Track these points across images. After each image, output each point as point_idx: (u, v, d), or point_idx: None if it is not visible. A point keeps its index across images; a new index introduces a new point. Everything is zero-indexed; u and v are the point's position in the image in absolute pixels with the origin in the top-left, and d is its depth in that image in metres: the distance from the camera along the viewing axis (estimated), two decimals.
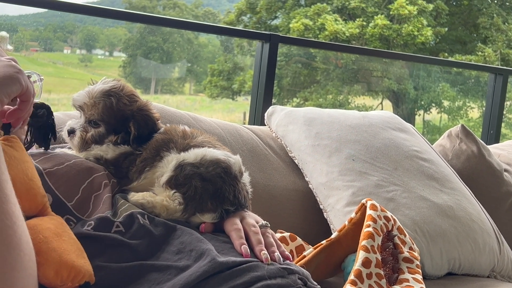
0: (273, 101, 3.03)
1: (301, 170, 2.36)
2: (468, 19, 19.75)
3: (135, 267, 1.23)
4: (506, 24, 19.07)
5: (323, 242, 1.80)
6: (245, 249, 1.31)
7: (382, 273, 1.63)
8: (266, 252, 1.32)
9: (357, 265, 1.61)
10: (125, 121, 1.50)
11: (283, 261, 1.34)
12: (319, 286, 1.35)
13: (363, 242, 1.66)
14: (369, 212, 1.74)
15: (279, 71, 16.97)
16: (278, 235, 1.91)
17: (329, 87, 17.71)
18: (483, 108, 14.29)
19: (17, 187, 1.08)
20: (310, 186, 2.31)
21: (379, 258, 1.65)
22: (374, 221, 1.71)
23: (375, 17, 18.08)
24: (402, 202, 2.20)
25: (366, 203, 1.78)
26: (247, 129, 2.46)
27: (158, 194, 1.40)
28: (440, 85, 18.13)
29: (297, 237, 1.97)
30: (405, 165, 2.36)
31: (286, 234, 1.96)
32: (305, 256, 1.79)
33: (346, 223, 1.81)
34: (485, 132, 4.01)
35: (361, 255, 1.63)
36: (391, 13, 18.13)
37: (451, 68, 18.03)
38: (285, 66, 17.51)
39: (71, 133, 1.52)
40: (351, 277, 1.59)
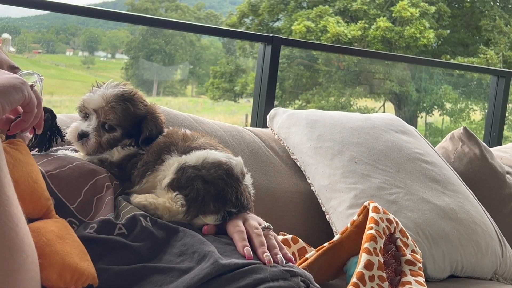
0: (275, 103, 3.03)
1: (303, 172, 2.36)
2: (470, 21, 19.73)
3: (137, 269, 1.24)
4: (509, 26, 19.05)
5: (326, 244, 1.80)
6: (247, 251, 1.31)
7: (384, 275, 1.63)
8: (269, 254, 1.32)
9: (359, 267, 1.61)
10: (139, 124, 1.52)
11: (285, 263, 1.34)
12: None
13: (365, 245, 1.66)
14: (371, 214, 1.74)
15: (281, 73, 16.97)
16: (280, 237, 1.91)
17: (331, 89, 17.70)
18: (486, 111, 14.28)
19: (21, 189, 1.08)
20: (312, 188, 2.31)
21: (382, 260, 1.65)
22: (377, 223, 1.71)
23: (377, 19, 18.08)
24: (404, 205, 2.20)
25: (369, 205, 1.78)
26: (249, 131, 2.46)
27: (160, 197, 1.40)
28: (442, 87, 18.12)
29: (300, 239, 1.97)
30: (407, 167, 2.35)
31: (289, 236, 1.95)
32: (307, 259, 1.79)
33: (349, 225, 1.81)
34: (488, 134, 4.00)
35: (363, 257, 1.63)
36: (393, 15, 18.13)
37: (453, 70, 18.00)
38: (287, 68, 17.51)
39: (84, 136, 1.49)
40: (354, 279, 1.59)
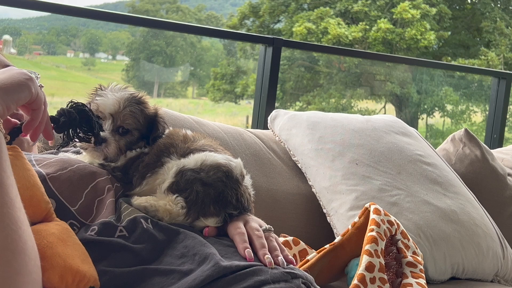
0: (276, 104, 3.03)
1: (304, 174, 2.36)
2: (471, 23, 19.74)
3: (138, 271, 1.23)
4: (509, 28, 19.06)
5: (327, 246, 1.80)
6: (248, 253, 1.31)
7: (385, 277, 1.63)
8: (270, 256, 1.32)
9: (360, 269, 1.61)
10: (150, 125, 1.52)
11: (286, 265, 1.34)
12: None
13: (366, 247, 1.66)
14: (372, 216, 1.74)
15: (282, 75, 16.98)
16: (281, 239, 1.91)
17: (332, 90, 17.71)
18: (486, 112, 14.28)
19: (20, 194, 1.08)
20: (313, 190, 2.31)
21: (383, 262, 1.65)
22: (378, 225, 1.71)
23: (378, 21, 18.09)
24: (405, 206, 2.20)
25: (370, 207, 1.78)
26: (250, 133, 2.46)
27: (161, 200, 1.40)
28: (443, 89, 18.12)
29: (300, 241, 1.97)
30: (408, 169, 2.35)
31: (290, 238, 1.95)
32: (308, 260, 1.79)
33: (350, 227, 1.81)
34: (489, 136, 4.00)
35: (364, 259, 1.63)
36: (394, 17, 18.13)
37: (454, 72, 18.00)
38: (288, 70, 17.52)
39: (102, 142, 1.46)
40: (355, 281, 1.59)
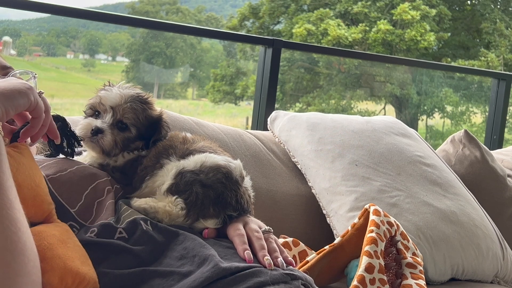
0: (276, 106, 3.03)
1: (304, 175, 2.36)
2: (471, 24, 19.75)
3: (138, 273, 1.23)
4: (509, 29, 19.07)
5: (326, 247, 1.80)
6: (248, 254, 1.31)
7: (385, 278, 1.63)
8: (269, 258, 1.32)
9: (360, 270, 1.61)
10: (151, 127, 1.52)
11: (286, 266, 1.34)
12: None
13: (366, 248, 1.66)
14: (372, 217, 1.74)
15: (282, 76, 16.99)
16: (281, 240, 1.91)
17: (332, 92, 17.71)
18: (486, 113, 14.29)
19: (24, 193, 1.08)
20: (313, 191, 2.31)
21: (382, 263, 1.65)
22: (377, 226, 1.71)
23: (378, 22, 18.10)
24: (405, 208, 2.20)
25: (369, 208, 1.78)
26: (250, 134, 2.46)
27: (160, 201, 1.40)
28: (443, 90, 18.13)
29: (300, 242, 1.97)
30: (408, 170, 2.35)
31: (289, 239, 1.95)
32: (308, 262, 1.79)
33: (349, 228, 1.81)
34: (488, 137, 4.00)
35: (364, 260, 1.63)
36: (394, 18, 18.14)
37: (454, 73, 18.03)
38: (288, 71, 17.53)
39: (98, 133, 1.45)
40: (354, 282, 1.59)
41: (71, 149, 1.45)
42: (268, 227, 1.45)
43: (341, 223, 2.16)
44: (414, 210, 2.20)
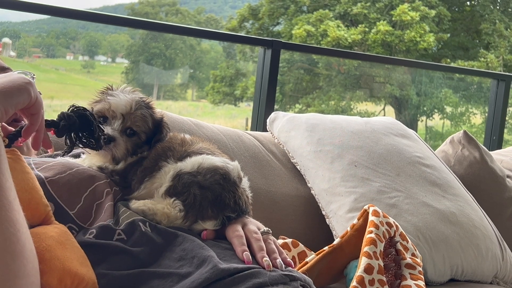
0: (275, 107, 3.03)
1: (303, 176, 2.36)
2: (470, 25, 19.76)
3: (137, 274, 1.23)
4: (509, 30, 19.08)
5: (326, 248, 1.80)
6: (247, 255, 1.31)
7: (384, 279, 1.63)
8: (268, 259, 1.32)
9: (359, 271, 1.61)
10: (155, 130, 1.52)
11: (285, 267, 1.34)
12: None
13: (365, 248, 1.66)
14: (371, 218, 1.74)
15: (281, 77, 16.99)
16: (280, 241, 1.91)
17: (331, 93, 17.72)
18: (486, 114, 14.29)
19: (19, 197, 1.08)
20: (312, 192, 2.31)
21: (382, 264, 1.65)
22: (377, 227, 1.71)
23: (377, 23, 18.11)
24: (404, 208, 2.20)
25: (369, 209, 1.78)
26: (249, 135, 2.46)
27: (158, 203, 1.40)
28: (443, 91, 18.13)
29: (299, 243, 1.97)
30: (407, 171, 2.35)
31: (288, 240, 1.95)
32: (307, 263, 1.79)
33: (349, 229, 1.81)
34: (488, 138, 4.01)
35: (363, 261, 1.63)
36: (393, 19, 18.16)
37: (453, 74, 18.04)
38: (287, 72, 17.54)
39: (111, 141, 1.45)
40: (354, 283, 1.59)
41: (95, 141, 1.36)
42: (267, 228, 1.45)
43: (340, 224, 2.16)
44: (413, 211, 2.21)
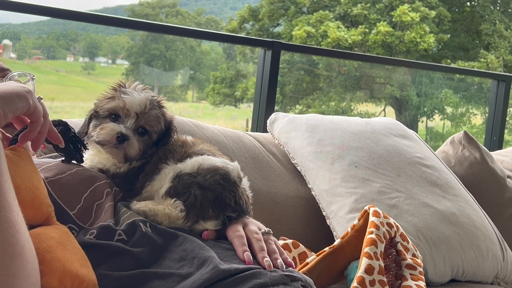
0: (276, 108, 3.03)
1: (304, 177, 2.36)
2: (470, 25, 19.77)
3: (137, 275, 1.23)
4: (509, 30, 19.08)
5: (326, 249, 1.80)
6: (247, 256, 1.31)
7: (385, 280, 1.63)
8: (269, 259, 1.32)
9: (360, 272, 1.61)
10: (166, 133, 1.52)
11: (285, 268, 1.34)
12: None
13: (366, 249, 1.66)
14: (372, 218, 1.74)
15: (282, 78, 17.00)
16: (280, 242, 1.91)
17: (331, 94, 17.72)
18: (486, 115, 14.29)
19: (23, 195, 1.08)
20: (312, 193, 2.31)
21: (382, 265, 1.65)
22: (377, 227, 1.71)
23: (377, 24, 18.11)
24: (405, 209, 2.20)
25: (369, 209, 1.78)
26: (249, 136, 2.46)
27: (159, 204, 1.40)
28: (443, 91, 18.14)
29: (300, 244, 1.97)
30: (408, 171, 2.35)
31: (289, 241, 1.95)
32: (308, 263, 1.79)
33: (349, 230, 1.81)
34: (488, 138, 4.01)
35: (364, 262, 1.63)
36: (393, 20, 18.16)
37: (453, 75, 18.04)
38: (287, 73, 17.54)
39: (125, 140, 1.43)
40: (354, 284, 1.59)
41: (79, 154, 1.44)
42: (268, 228, 1.45)
43: (340, 225, 2.16)
44: (413, 212, 2.20)
